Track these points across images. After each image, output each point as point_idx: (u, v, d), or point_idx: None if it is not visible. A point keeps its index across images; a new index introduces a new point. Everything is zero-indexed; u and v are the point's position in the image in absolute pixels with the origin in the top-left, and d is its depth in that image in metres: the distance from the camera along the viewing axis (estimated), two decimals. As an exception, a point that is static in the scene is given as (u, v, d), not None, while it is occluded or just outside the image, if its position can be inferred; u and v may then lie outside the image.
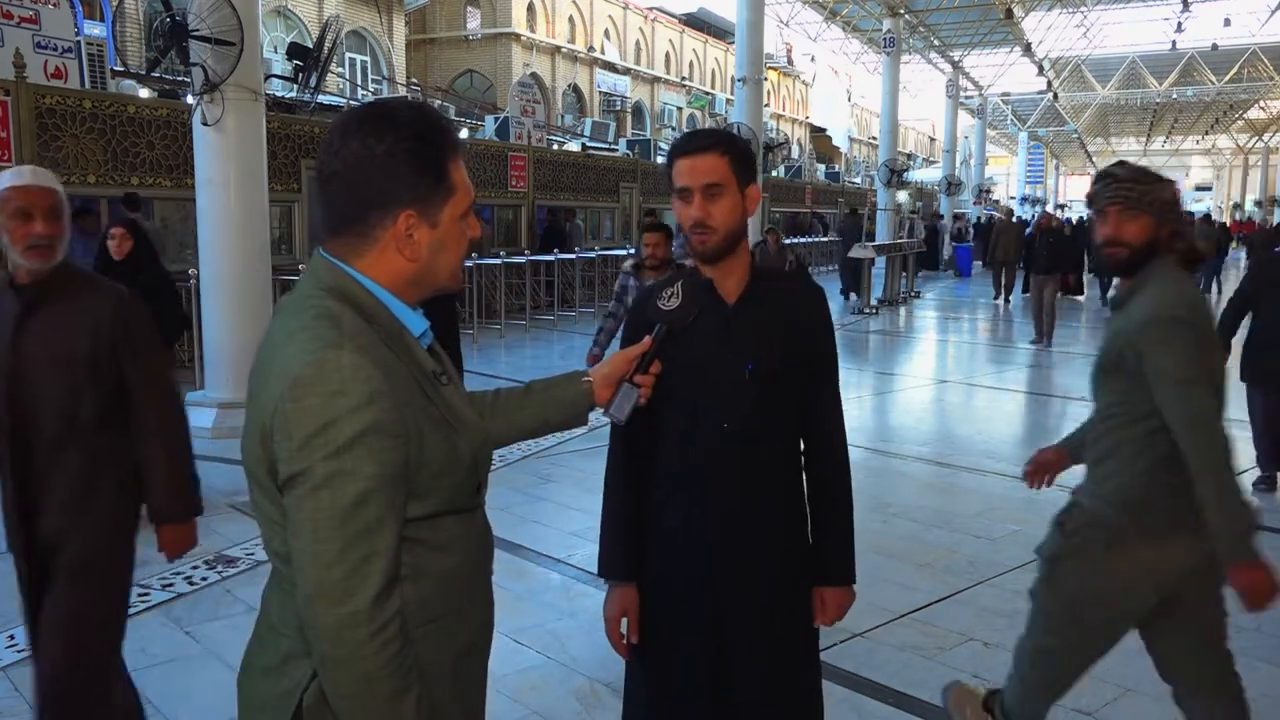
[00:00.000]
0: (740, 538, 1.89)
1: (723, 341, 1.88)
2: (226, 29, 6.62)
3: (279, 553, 1.28)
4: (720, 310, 1.89)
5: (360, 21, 27.90)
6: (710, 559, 1.89)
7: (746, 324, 1.89)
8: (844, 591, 1.99)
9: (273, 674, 1.30)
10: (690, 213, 1.84)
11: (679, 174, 1.86)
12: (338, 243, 1.31)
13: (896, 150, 23.21)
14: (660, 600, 1.95)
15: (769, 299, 1.92)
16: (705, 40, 45.69)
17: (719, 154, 1.84)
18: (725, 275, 1.90)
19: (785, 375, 1.90)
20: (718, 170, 1.83)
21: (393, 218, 1.28)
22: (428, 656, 1.30)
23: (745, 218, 1.89)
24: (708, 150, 1.84)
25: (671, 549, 1.93)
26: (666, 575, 1.94)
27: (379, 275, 1.30)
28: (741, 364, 1.87)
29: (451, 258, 1.35)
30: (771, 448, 1.91)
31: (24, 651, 3.56)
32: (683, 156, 1.86)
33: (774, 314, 1.91)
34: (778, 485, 1.93)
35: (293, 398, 1.17)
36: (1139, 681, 3.38)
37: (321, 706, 1.24)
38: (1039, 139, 49.26)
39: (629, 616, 1.97)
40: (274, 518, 1.25)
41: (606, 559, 2.00)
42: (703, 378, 1.88)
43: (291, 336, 1.23)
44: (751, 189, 1.88)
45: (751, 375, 1.87)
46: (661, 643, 1.95)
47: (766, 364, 1.87)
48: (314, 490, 1.16)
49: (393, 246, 1.29)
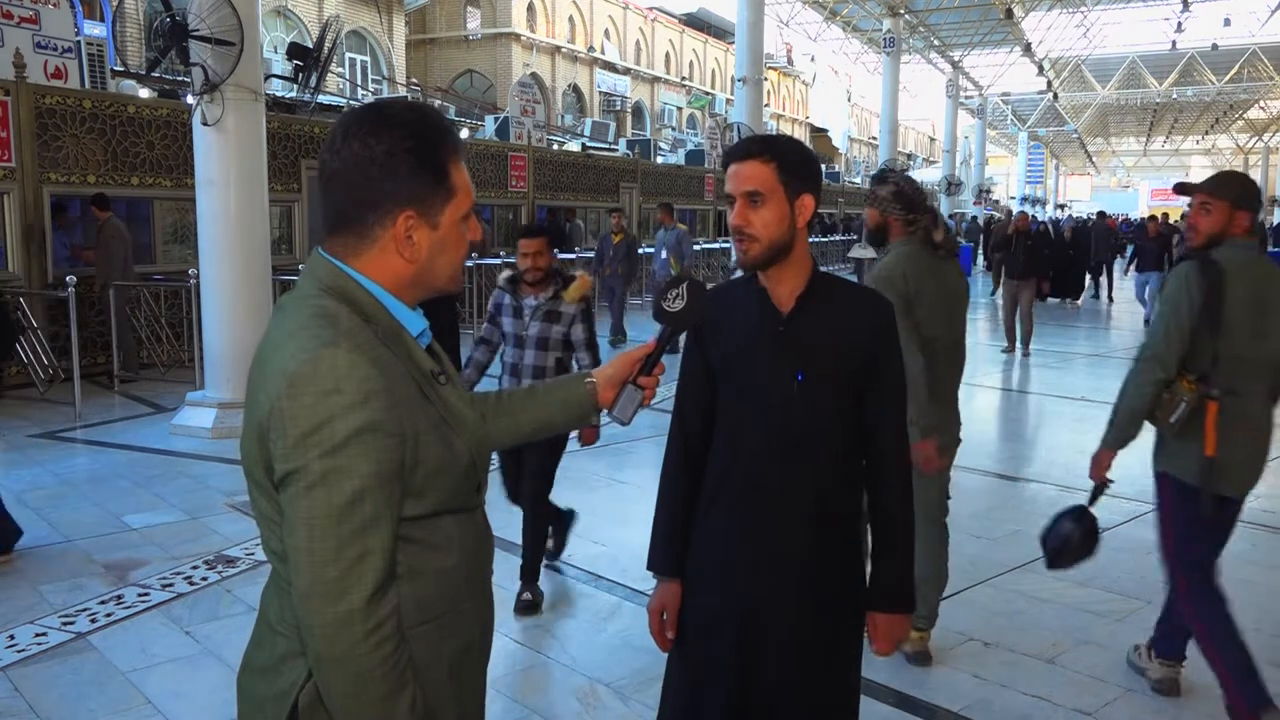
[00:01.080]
0: (781, 543, 1.88)
1: (773, 350, 1.87)
2: (226, 29, 6.62)
3: (276, 551, 1.28)
4: (773, 318, 1.88)
5: (360, 21, 27.90)
6: (747, 564, 1.89)
7: (798, 333, 1.87)
8: (901, 619, 1.96)
9: (269, 673, 1.30)
10: (731, 219, 1.84)
11: (727, 180, 1.87)
12: (337, 242, 1.30)
13: (896, 150, 23.22)
14: (697, 598, 1.96)
15: (825, 308, 1.89)
16: (705, 40, 45.69)
17: (763, 161, 1.82)
18: (777, 283, 1.89)
19: (838, 385, 1.88)
20: (759, 177, 1.82)
21: (392, 218, 1.27)
22: (424, 656, 1.29)
23: (795, 227, 1.85)
24: (751, 157, 1.83)
25: (713, 551, 1.93)
26: (706, 575, 1.95)
27: (378, 275, 1.30)
28: (791, 373, 1.86)
29: (452, 259, 1.35)
30: (820, 457, 1.88)
31: (24, 651, 3.56)
32: (730, 162, 1.86)
33: (829, 323, 1.88)
34: (826, 495, 1.89)
35: (289, 396, 1.17)
36: (1139, 681, 3.39)
37: (317, 706, 1.24)
38: (1039, 139, 49.26)
39: (669, 612, 1.99)
40: (271, 516, 1.25)
41: (655, 555, 2.02)
42: (752, 385, 1.88)
43: (289, 335, 1.23)
44: (805, 198, 1.85)
45: (800, 384, 1.85)
46: (694, 640, 1.97)
47: (817, 373, 1.86)
48: (309, 488, 1.16)
49: (392, 247, 1.29)
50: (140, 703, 3.21)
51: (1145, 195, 66.35)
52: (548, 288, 4.01)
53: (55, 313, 8.70)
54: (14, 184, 8.60)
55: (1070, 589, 4.23)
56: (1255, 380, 3.01)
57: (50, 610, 3.94)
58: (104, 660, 3.50)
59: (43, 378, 8.27)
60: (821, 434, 1.88)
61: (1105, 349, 12.15)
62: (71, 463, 6.27)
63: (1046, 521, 3.33)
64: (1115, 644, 3.69)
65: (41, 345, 8.40)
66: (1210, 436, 2.97)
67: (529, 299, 4.04)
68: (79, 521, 5.04)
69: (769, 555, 1.89)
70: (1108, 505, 5.38)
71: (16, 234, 8.65)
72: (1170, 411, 3.03)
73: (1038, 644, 3.69)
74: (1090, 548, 3.25)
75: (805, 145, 1.99)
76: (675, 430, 2.02)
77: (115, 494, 5.56)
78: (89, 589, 4.16)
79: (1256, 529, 5.07)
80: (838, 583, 1.93)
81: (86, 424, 7.30)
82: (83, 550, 4.64)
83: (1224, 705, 3.01)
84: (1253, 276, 2.99)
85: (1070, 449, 6.96)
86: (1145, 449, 3.26)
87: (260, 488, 1.25)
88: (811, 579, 1.89)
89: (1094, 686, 3.36)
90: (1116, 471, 3.19)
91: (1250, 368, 2.99)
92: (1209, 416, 2.98)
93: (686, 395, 2.02)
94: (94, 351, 9.17)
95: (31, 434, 6.98)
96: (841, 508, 1.92)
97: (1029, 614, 3.99)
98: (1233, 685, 2.97)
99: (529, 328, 4.01)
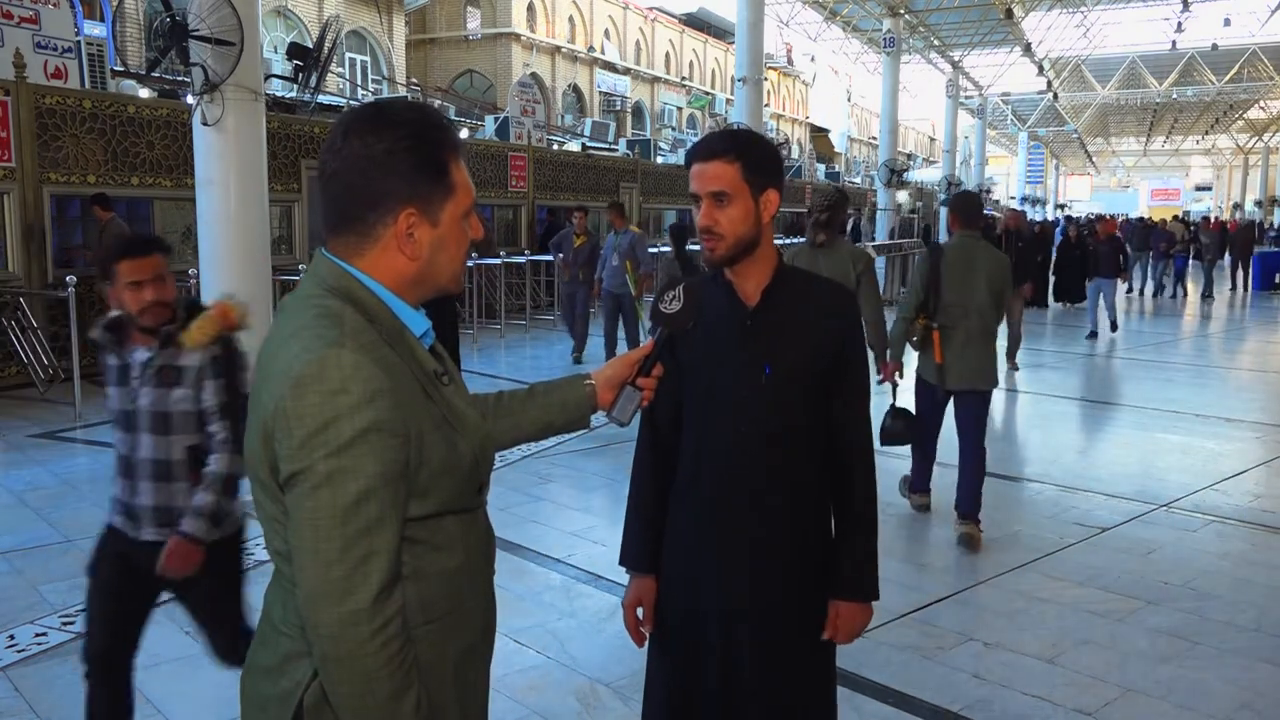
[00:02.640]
0: (752, 539, 1.89)
1: (740, 344, 1.88)
2: (226, 29, 6.62)
3: (280, 552, 1.28)
4: (739, 312, 1.89)
5: (360, 21, 27.89)
6: (722, 558, 1.90)
7: (764, 326, 1.88)
8: (860, 608, 1.97)
9: (273, 674, 1.30)
10: (698, 219, 1.85)
11: (691, 179, 1.87)
12: (339, 242, 1.31)
13: (896, 150, 23.21)
14: (674, 593, 1.97)
15: (791, 301, 1.91)
16: (705, 40, 45.68)
17: (728, 160, 1.82)
18: (744, 278, 1.90)
19: (805, 379, 1.89)
20: (725, 177, 1.82)
21: (393, 216, 1.28)
22: (428, 656, 1.29)
23: (760, 223, 1.86)
24: (716, 157, 1.83)
25: (686, 545, 1.95)
26: (680, 570, 1.96)
27: (380, 274, 1.30)
28: (759, 366, 1.87)
29: (453, 257, 1.35)
30: (789, 451, 1.90)
31: (24, 651, 3.56)
32: (694, 162, 1.86)
33: (795, 316, 1.90)
34: (796, 489, 1.91)
35: (294, 396, 1.17)
36: (1139, 681, 3.39)
37: (322, 706, 1.24)
38: (1039, 139, 49.27)
39: (644, 606, 2.00)
40: (275, 516, 1.25)
41: (627, 550, 2.03)
42: (720, 379, 1.89)
43: (293, 335, 1.23)
44: (769, 194, 1.86)
45: (769, 378, 1.87)
46: (674, 636, 1.97)
47: (784, 366, 1.87)
48: (315, 489, 1.17)
49: (394, 245, 1.29)
50: (140, 703, 3.19)
51: (1145, 195, 66.41)
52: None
53: (55, 313, 8.70)
54: (14, 184, 8.60)
55: (1070, 589, 4.23)
56: (963, 318, 4.77)
57: (50, 610, 3.94)
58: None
59: (43, 378, 8.27)
60: (790, 427, 1.90)
61: (1105, 348, 12.15)
62: (71, 463, 6.27)
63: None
64: (1115, 644, 3.69)
65: (41, 345, 8.40)
66: (937, 352, 4.82)
67: (138, 351, 2.56)
68: (79, 521, 5.04)
69: (742, 548, 1.90)
70: (1108, 506, 5.40)
71: (16, 234, 8.65)
72: (913, 335, 4.91)
73: (1038, 644, 3.69)
74: (909, 435, 5.00)
75: (767, 139, 1.98)
76: (644, 426, 2.03)
77: (115, 494, 5.55)
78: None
79: (1256, 529, 5.07)
80: (813, 574, 1.94)
81: (86, 424, 7.30)
82: (83, 550, 4.62)
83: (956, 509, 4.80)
84: (963, 254, 4.82)
85: (1070, 449, 6.98)
86: (1145, 456, 3.26)
87: (264, 488, 1.25)
88: (787, 570, 1.91)
89: (1094, 686, 3.36)
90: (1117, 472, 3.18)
91: (959, 310, 4.77)
92: (935, 341, 4.81)
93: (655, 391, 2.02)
94: (94, 351, 9.14)
95: (31, 434, 6.98)
96: (812, 499, 1.94)
97: (1029, 614, 3.99)
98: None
99: (139, 396, 2.53)
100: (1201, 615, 3.97)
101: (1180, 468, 6.18)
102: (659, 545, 2.00)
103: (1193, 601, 4.11)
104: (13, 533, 4.87)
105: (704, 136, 1.92)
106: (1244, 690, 3.32)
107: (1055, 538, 4.86)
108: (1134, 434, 7.38)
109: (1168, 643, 3.71)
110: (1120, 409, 8.44)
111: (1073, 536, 4.88)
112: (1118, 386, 9.77)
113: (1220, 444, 6.93)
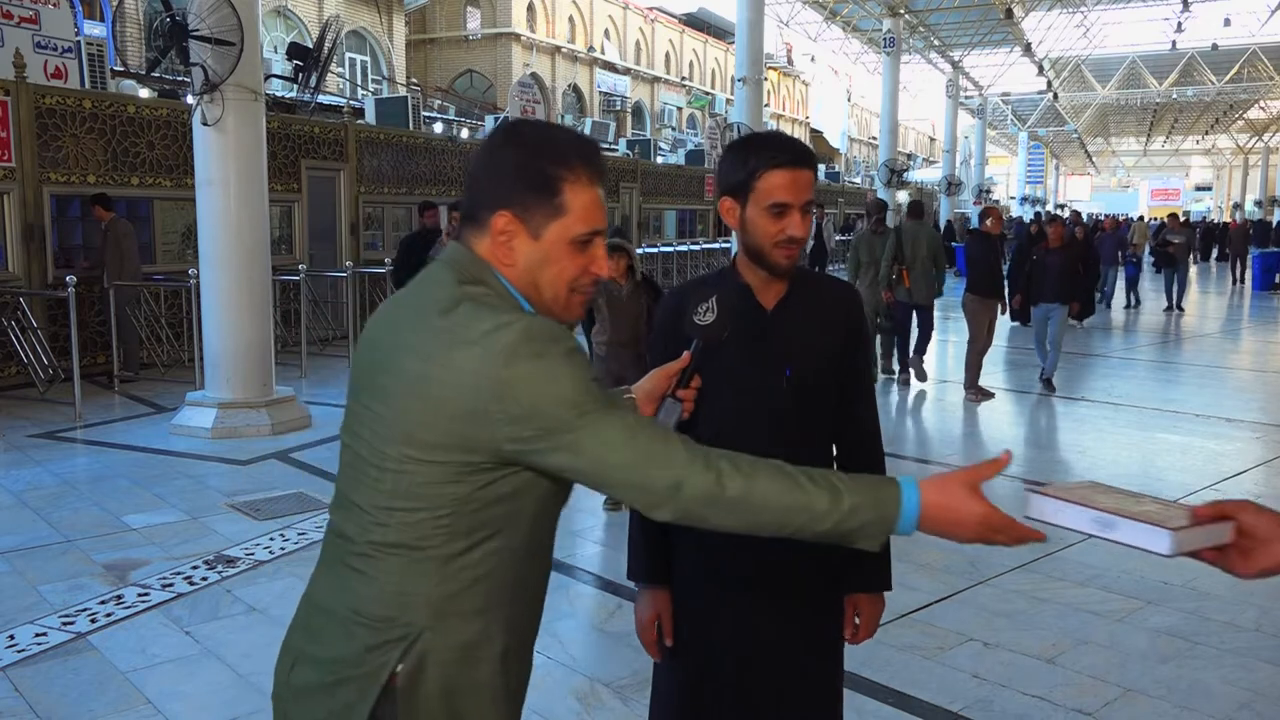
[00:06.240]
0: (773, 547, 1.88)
1: (760, 348, 1.86)
2: (226, 29, 6.62)
3: (388, 543, 1.30)
4: (757, 317, 1.88)
5: (360, 21, 27.89)
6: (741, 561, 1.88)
7: (784, 330, 1.88)
8: (878, 599, 1.98)
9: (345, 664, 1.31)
10: (790, 231, 1.80)
11: (779, 186, 1.77)
12: (468, 237, 1.38)
13: (896, 150, 23.21)
14: (690, 601, 1.94)
15: (805, 304, 1.90)
16: (705, 40, 45.68)
17: (813, 170, 1.82)
18: (767, 283, 1.89)
19: (823, 380, 1.89)
20: (813, 186, 1.83)
21: (491, 213, 1.34)
22: (518, 620, 1.41)
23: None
24: (810, 166, 1.81)
25: (703, 551, 1.91)
26: (696, 577, 1.93)
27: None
28: (779, 370, 1.86)
29: (554, 278, 1.36)
30: (810, 453, 1.87)
31: (24, 651, 3.56)
32: (788, 168, 1.78)
33: (811, 318, 1.90)
34: None
35: (508, 364, 1.22)
36: (1139, 681, 3.39)
37: (414, 687, 1.29)
38: (1039, 139, 49.28)
39: (663, 620, 1.95)
40: (420, 494, 1.28)
41: (637, 563, 1.98)
42: (740, 384, 1.87)
43: (444, 314, 1.27)
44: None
45: (789, 381, 1.86)
46: (690, 643, 1.94)
47: (804, 369, 1.86)
48: (592, 427, 1.24)
49: (492, 247, 1.35)
50: (140, 703, 3.21)
51: (1145, 195, 66.39)
52: None
53: (55, 313, 8.70)
54: (14, 184, 8.60)
55: (1070, 589, 4.24)
56: (914, 264, 8.86)
57: (50, 610, 3.94)
58: (104, 660, 3.50)
59: (43, 378, 8.27)
60: (812, 428, 1.89)
61: (1105, 348, 12.15)
62: (71, 463, 6.27)
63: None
64: (1115, 644, 3.69)
65: (41, 345, 8.40)
66: (906, 280, 8.88)
67: None
68: (79, 521, 5.04)
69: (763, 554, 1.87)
70: (1108, 505, 5.38)
71: (16, 234, 8.65)
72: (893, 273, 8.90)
73: (1038, 644, 3.69)
74: (896, 329, 9.26)
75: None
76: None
77: (115, 494, 5.56)
78: (89, 589, 4.16)
79: (1256, 529, 5.07)
80: (828, 574, 1.93)
81: (86, 424, 7.30)
82: (82, 550, 4.64)
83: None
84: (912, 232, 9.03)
85: (1070, 449, 6.99)
86: (1145, 456, 3.26)
87: (442, 466, 1.27)
88: (807, 574, 1.90)
89: (1094, 686, 3.36)
90: (1118, 472, 3.18)
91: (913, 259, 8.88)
92: (904, 276, 8.88)
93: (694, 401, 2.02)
94: (94, 351, 9.17)
95: (31, 434, 6.98)
96: None
97: (1029, 614, 3.99)
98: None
99: None
100: (1202, 615, 3.98)
101: (1180, 468, 6.19)
102: (669, 555, 1.96)
103: (1193, 601, 4.11)
104: (13, 533, 4.87)
105: (780, 136, 1.85)
106: (1244, 690, 3.32)
107: (1055, 538, 4.85)
108: (1134, 434, 7.38)
109: (1168, 643, 3.71)
110: (1120, 409, 8.44)
111: (1073, 536, 4.86)
112: (1118, 386, 9.78)
113: (1220, 444, 6.93)
